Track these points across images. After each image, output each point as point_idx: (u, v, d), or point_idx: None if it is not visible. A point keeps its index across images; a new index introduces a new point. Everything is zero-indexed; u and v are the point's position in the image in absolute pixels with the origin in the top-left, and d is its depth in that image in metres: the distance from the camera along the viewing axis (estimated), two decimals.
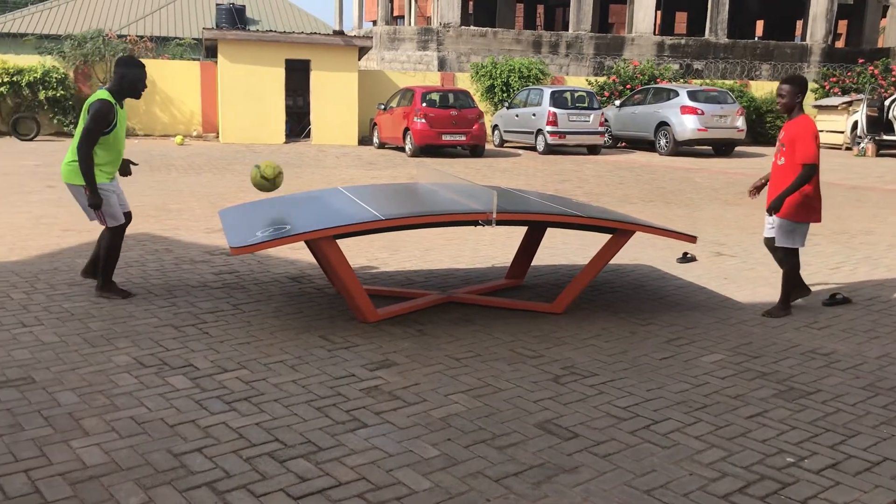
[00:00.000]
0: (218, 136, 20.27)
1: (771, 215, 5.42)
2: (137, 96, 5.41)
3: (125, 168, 5.78)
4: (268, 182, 5.44)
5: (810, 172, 5.25)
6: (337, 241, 4.91)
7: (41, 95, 19.25)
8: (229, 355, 4.39)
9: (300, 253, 6.88)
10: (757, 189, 5.84)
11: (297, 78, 20.38)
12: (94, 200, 5.26)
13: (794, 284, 5.60)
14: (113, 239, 5.49)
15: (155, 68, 20.77)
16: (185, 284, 5.95)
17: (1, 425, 3.41)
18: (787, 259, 5.54)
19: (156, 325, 4.90)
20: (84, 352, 4.39)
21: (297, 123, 21.28)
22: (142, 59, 5.40)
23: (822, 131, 22.80)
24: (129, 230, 7.97)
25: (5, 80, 18.95)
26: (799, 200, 5.34)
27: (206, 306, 5.37)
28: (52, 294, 5.55)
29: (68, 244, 7.27)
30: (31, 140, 18.46)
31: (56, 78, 19.39)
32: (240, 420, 3.54)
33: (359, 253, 7.09)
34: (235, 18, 30.22)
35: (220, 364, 4.25)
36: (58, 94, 19.36)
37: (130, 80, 5.33)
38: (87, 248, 7.11)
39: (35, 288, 5.70)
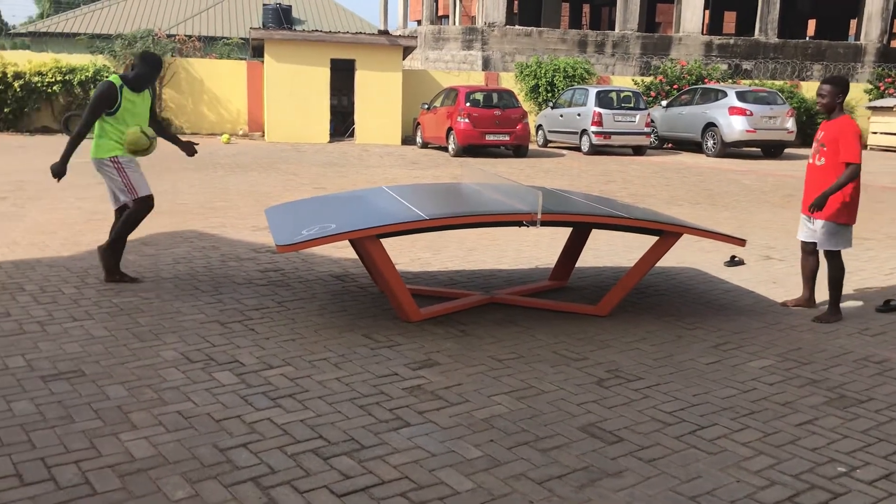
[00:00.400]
0: (263, 135, 20.51)
1: (812, 213, 5.30)
2: (138, 89, 5.74)
3: (189, 148, 6.35)
4: (147, 139, 5.70)
5: (855, 171, 5.16)
6: (381, 240, 4.93)
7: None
8: (274, 352, 4.44)
9: (344, 251, 6.92)
10: None
11: (342, 77, 20.53)
12: (56, 166, 5.64)
13: (840, 288, 5.47)
14: (138, 211, 5.77)
15: (203, 67, 21.11)
16: (231, 281, 6.02)
17: (53, 417, 3.49)
18: (833, 262, 5.43)
19: (202, 322, 4.97)
20: (133, 346, 4.47)
21: (342, 123, 21.43)
22: (163, 58, 5.81)
23: (875, 133, 22.35)
24: (176, 226, 8.15)
25: (58, 78, 19.39)
26: (842, 201, 5.27)
27: (251, 303, 5.43)
28: (102, 289, 5.66)
29: None
30: None
31: (107, 77, 19.77)
32: (284, 416, 3.57)
33: (402, 252, 7.11)
34: (282, 18, 30.54)
35: (266, 360, 4.30)
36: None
37: (137, 73, 5.74)
38: (134, 244, 7.24)
39: (86, 283, 5.82)
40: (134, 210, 5.78)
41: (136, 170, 5.79)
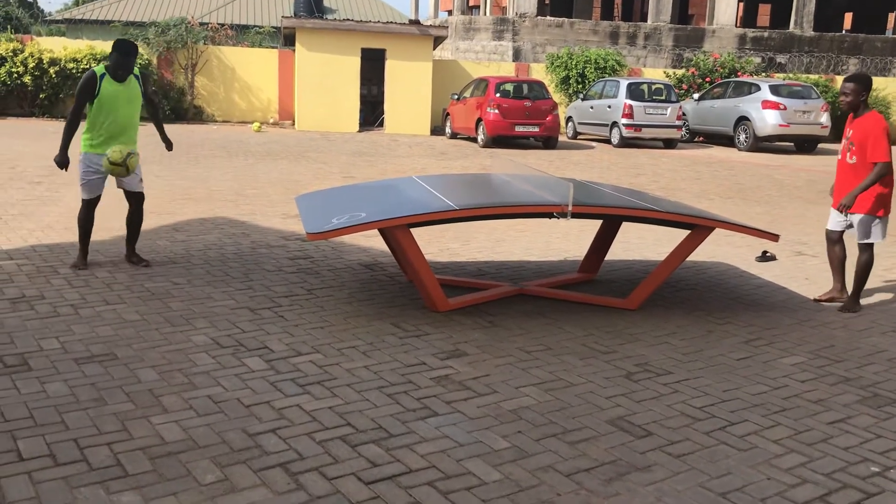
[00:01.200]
0: (294, 124, 20.59)
1: (842, 212, 5.35)
2: (128, 71, 5.73)
3: (168, 144, 6.30)
4: (119, 167, 5.64)
5: (883, 171, 5.21)
6: (410, 229, 4.93)
7: None
8: (303, 339, 4.46)
9: (373, 241, 6.94)
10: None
11: (373, 67, 20.53)
12: (57, 157, 5.71)
13: (865, 280, 5.52)
14: (82, 211, 5.86)
15: (234, 56, 21.22)
16: (261, 268, 6.06)
17: (86, 399, 3.54)
18: (866, 254, 5.45)
19: (233, 308, 5.01)
20: (164, 331, 4.51)
21: (371, 112, 21.45)
22: (136, 42, 6.03)
23: None
24: (207, 213, 8.21)
25: (93, 65, 19.59)
26: (878, 193, 5.31)
27: (281, 290, 5.46)
28: (134, 274, 5.73)
29: (149, 226, 7.47)
30: None
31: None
32: (313, 403, 3.59)
33: (431, 242, 7.11)
34: (313, 7, 30.61)
35: (295, 347, 4.32)
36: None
37: (115, 59, 5.69)
38: (166, 229, 7.32)
39: (118, 267, 5.89)
40: (80, 211, 5.90)
41: (88, 170, 5.77)
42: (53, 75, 19.34)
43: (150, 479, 2.88)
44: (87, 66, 19.49)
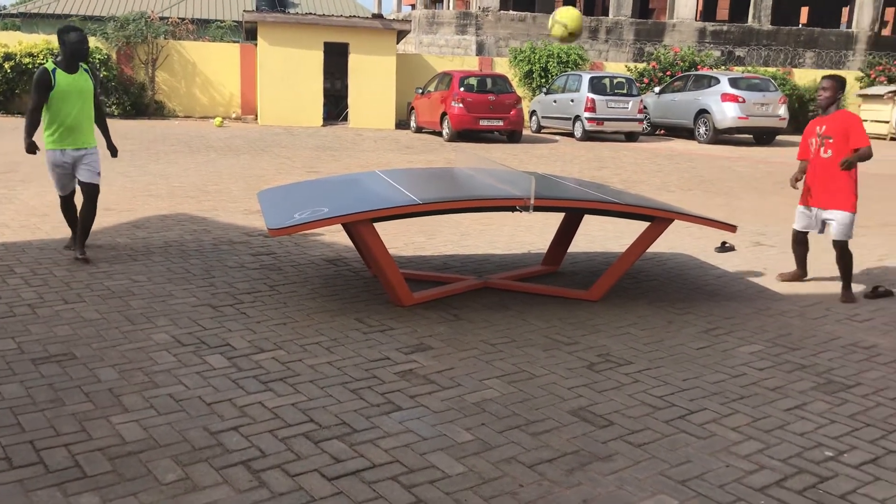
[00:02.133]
0: (256, 119, 20.41)
1: (843, 169, 5.54)
2: (84, 59, 5.73)
3: (113, 150, 6.34)
4: (570, 35, 5.37)
5: (870, 152, 5.56)
6: (374, 224, 4.92)
7: None
8: (266, 336, 4.44)
9: (337, 235, 6.91)
10: (798, 179, 5.93)
11: (336, 61, 20.41)
12: (25, 146, 5.77)
13: (851, 270, 5.75)
14: (61, 206, 6.11)
15: (195, 50, 20.97)
16: (223, 265, 6.01)
17: (43, 400, 3.49)
18: (846, 250, 5.67)
19: (194, 305, 4.96)
20: (124, 329, 4.46)
21: (335, 107, 21.34)
22: (77, 28, 5.87)
23: (866, 121, 22.36)
24: (168, 209, 8.11)
25: (49, 60, 19.23)
26: (854, 190, 5.62)
27: (243, 287, 5.42)
28: (93, 272, 5.65)
29: (109, 223, 7.38)
30: None
31: (99, 59, 19.63)
32: (276, 400, 3.58)
33: (396, 236, 7.10)
34: (275, 1, 30.34)
35: (257, 344, 4.29)
36: (100, 75, 19.61)
37: (69, 46, 5.62)
38: (126, 226, 7.22)
39: (77, 265, 5.80)
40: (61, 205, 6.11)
41: (56, 167, 5.84)
42: (9, 70, 18.94)
43: (110, 479, 2.85)
44: (44, 61, 19.12)
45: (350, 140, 16.93)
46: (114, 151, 6.35)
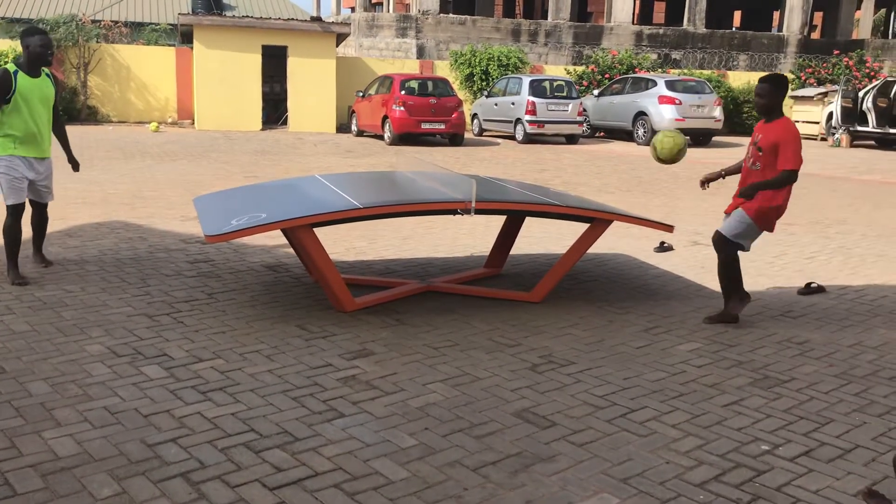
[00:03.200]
0: (194, 123, 20.07)
1: (735, 206, 4.91)
2: (47, 63, 5.46)
3: (74, 164, 6.05)
4: (667, 161, 5.28)
5: (789, 178, 4.79)
6: (314, 229, 4.87)
7: None
8: (204, 345, 4.35)
9: (277, 241, 6.82)
10: (708, 181, 5.25)
11: (274, 64, 20.20)
12: None
13: (736, 284, 5.00)
14: (8, 218, 5.44)
15: (130, 54, 20.53)
16: (160, 273, 5.88)
17: None
18: (727, 251, 4.93)
19: (129, 315, 4.84)
20: (56, 341, 4.33)
21: (275, 110, 21.11)
22: (42, 29, 5.64)
23: (798, 122, 23.04)
24: (102, 217, 7.91)
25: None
26: (769, 204, 4.84)
27: (180, 295, 5.31)
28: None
29: None
30: None
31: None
32: (215, 410, 3.51)
33: (336, 241, 7.05)
34: (212, 4, 29.89)
35: (195, 353, 4.21)
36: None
37: (32, 49, 5.36)
38: (58, 235, 7.01)
39: (5, 277, 5.60)
40: (5, 219, 5.46)
41: (13, 174, 5.39)
42: None
43: (42, 496, 2.75)
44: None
45: (290, 144, 16.76)
46: (75, 165, 6.04)
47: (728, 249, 4.95)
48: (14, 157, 5.40)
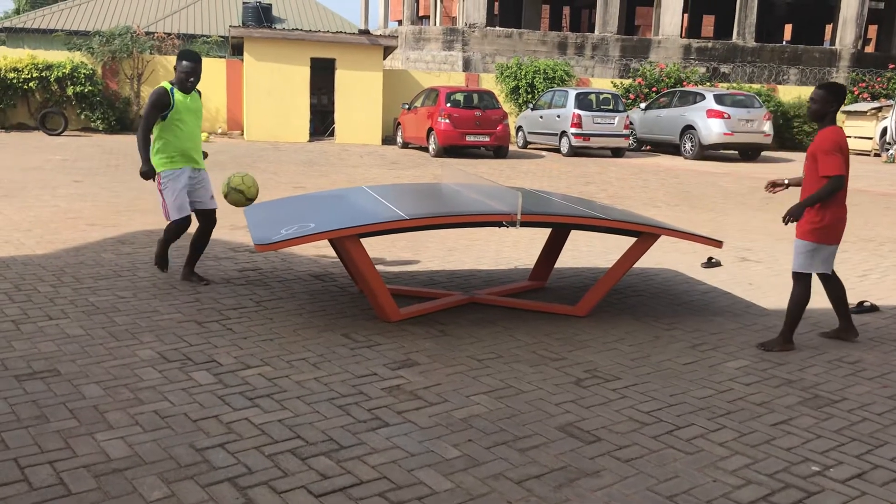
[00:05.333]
0: (243, 134, 20.40)
1: (786, 224, 4.83)
2: (185, 89, 5.62)
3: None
4: (244, 197, 5.77)
5: (834, 185, 4.66)
6: (361, 239, 4.92)
7: (69, 91, 19.46)
8: (252, 352, 4.41)
9: (323, 251, 6.90)
10: (774, 185, 5.22)
11: (322, 77, 20.46)
12: (143, 168, 5.58)
13: (795, 315, 4.86)
14: (168, 233, 5.83)
15: None
16: (209, 280, 5.98)
17: (27, 416, 3.45)
18: (797, 285, 4.86)
19: (179, 321, 4.94)
20: (109, 345, 4.43)
21: (322, 122, 21.36)
22: (195, 51, 5.79)
23: (850, 137, 22.57)
24: (154, 225, 8.06)
25: (34, 75, 19.17)
26: (818, 218, 4.74)
27: (229, 303, 5.39)
28: (77, 287, 5.61)
29: (94, 238, 7.34)
30: (58, 135, 18.66)
31: (84, 74, 19.59)
32: (262, 416, 3.56)
33: (381, 252, 7.10)
34: (262, 17, 30.39)
35: (243, 360, 4.27)
36: (86, 90, 19.55)
37: (178, 73, 5.61)
38: (111, 242, 7.18)
39: (61, 281, 5.76)
40: (165, 233, 5.89)
41: (176, 189, 5.70)
42: None
43: (95, 497, 2.82)
44: (29, 76, 19.06)
45: (336, 155, 16.94)
46: None
47: (802, 280, 4.85)
48: (173, 171, 5.68)
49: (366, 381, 4.03)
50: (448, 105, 17.62)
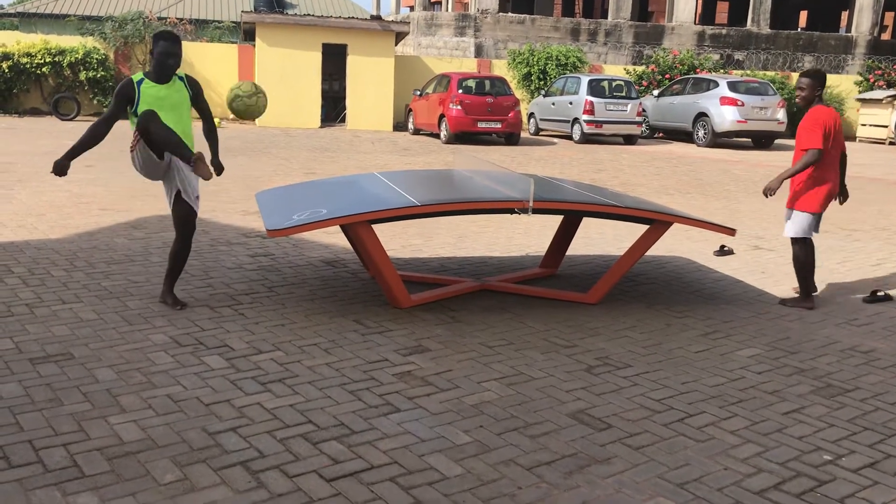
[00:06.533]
0: (254, 120, 20.40)
1: (767, 196, 5.40)
2: (165, 75, 4.86)
3: (218, 167, 5.28)
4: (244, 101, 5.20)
5: (812, 157, 5.22)
6: (372, 225, 4.92)
7: (82, 76, 19.52)
8: (264, 337, 4.43)
9: (335, 237, 6.91)
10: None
11: (334, 62, 20.43)
12: (59, 160, 4.84)
13: (810, 276, 5.53)
14: (182, 241, 5.02)
15: (193, 51, 20.96)
16: (221, 266, 6.00)
17: (41, 399, 3.48)
18: (796, 247, 5.52)
19: (192, 306, 4.96)
20: (122, 329, 4.45)
21: (333, 108, 21.34)
22: (178, 36, 5.04)
23: (865, 125, 22.41)
24: (166, 210, 8.01)
25: (47, 60, 19.23)
26: (802, 188, 5.39)
27: (241, 288, 5.41)
28: (91, 272, 5.64)
29: (106, 223, 7.37)
30: (71, 120, 18.73)
31: (97, 59, 19.64)
32: (274, 401, 3.57)
33: (393, 238, 7.10)
34: (274, 2, 30.35)
35: (255, 345, 4.29)
36: (98, 75, 19.61)
37: (155, 55, 4.89)
38: (124, 227, 7.21)
39: (74, 266, 5.79)
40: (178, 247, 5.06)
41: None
42: (7, 70, 18.94)
43: (108, 479, 2.84)
44: (42, 61, 19.12)
45: (348, 142, 16.93)
46: (219, 168, 5.28)
47: (799, 241, 5.50)
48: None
49: (377, 367, 4.04)
50: (460, 91, 17.56)
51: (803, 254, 5.48)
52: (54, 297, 5.01)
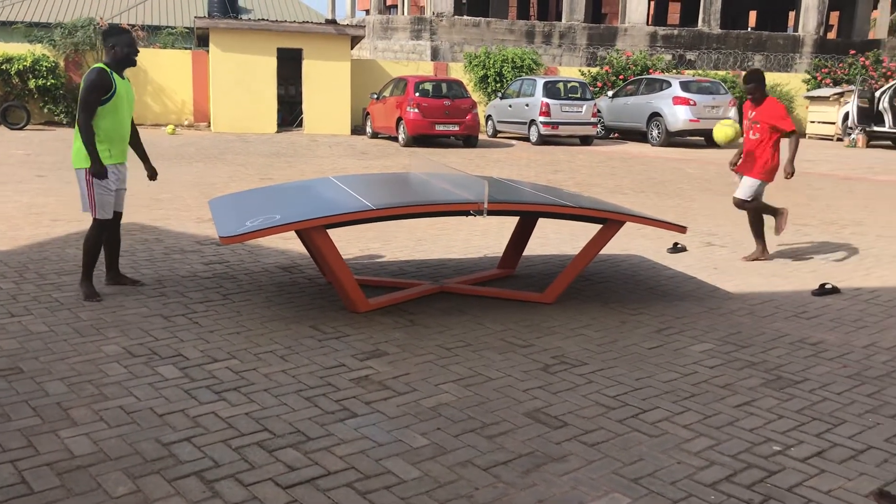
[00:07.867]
0: (209, 126, 20.20)
1: (790, 178, 6.79)
2: (133, 63, 5.17)
3: (152, 172, 5.73)
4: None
5: (797, 138, 6.73)
6: (328, 230, 4.90)
7: (31, 84, 19.14)
8: (219, 345, 4.39)
9: (291, 243, 6.87)
10: (734, 163, 7.01)
11: (290, 67, 20.31)
12: (95, 169, 5.05)
13: (761, 224, 6.88)
14: (93, 230, 5.25)
15: (146, 57, 20.65)
16: (175, 274, 5.93)
17: None
18: (750, 214, 6.90)
19: (145, 315, 4.89)
20: (73, 341, 4.38)
21: (290, 112, 21.21)
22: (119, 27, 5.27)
23: (813, 122, 22.93)
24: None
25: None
26: (767, 162, 6.67)
27: (196, 296, 5.35)
28: (41, 283, 5.53)
29: (57, 234, 7.24)
30: (20, 129, 18.35)
31: (46, 66, 19.27)
32: (229, 410, 3.54)
33: (350, 243, 7.08)
34: (227, 7, 30.04)
35: (210, 354, 4.25)
36: (48, 83, 19.24)
37: (120, 49, 5.08)
38: (76, 237, 7.08)
39: (24, 277, 5.68)
40: (90, 231, 5.29)
41: (108, 186, 5.18)
42: None
43: (58, 494, 2.79)
44: None
45: (305, 146, 16.84)
46: (153, 173, 5.73)
47: (748, 206, 6.81)
48: (110, 167, 5.17)
49: (334, 373, 4.03)
50: (417, 95, 17.58)
51: (753, 216, 6.87)
52: (3, 310, 4.91)
